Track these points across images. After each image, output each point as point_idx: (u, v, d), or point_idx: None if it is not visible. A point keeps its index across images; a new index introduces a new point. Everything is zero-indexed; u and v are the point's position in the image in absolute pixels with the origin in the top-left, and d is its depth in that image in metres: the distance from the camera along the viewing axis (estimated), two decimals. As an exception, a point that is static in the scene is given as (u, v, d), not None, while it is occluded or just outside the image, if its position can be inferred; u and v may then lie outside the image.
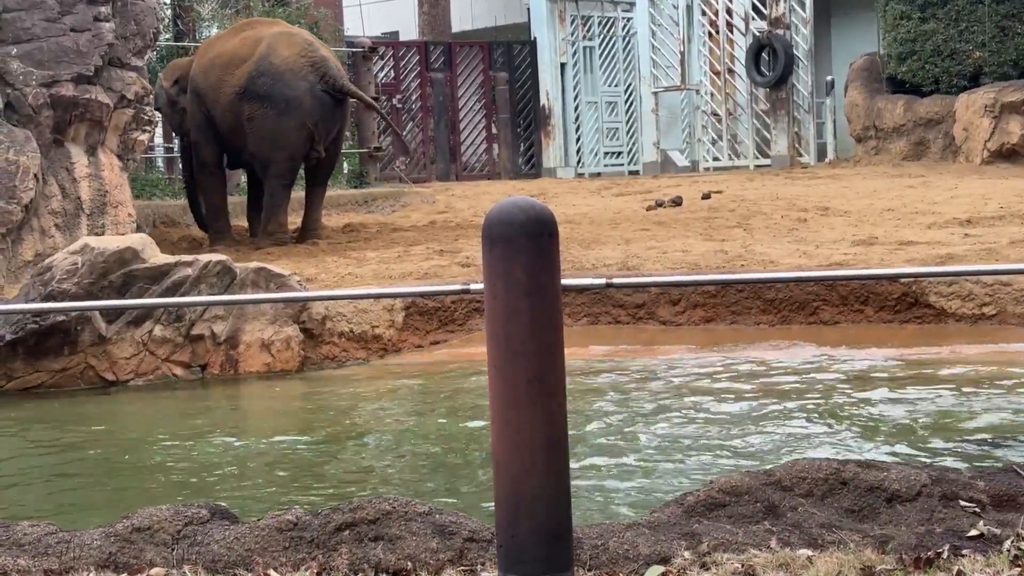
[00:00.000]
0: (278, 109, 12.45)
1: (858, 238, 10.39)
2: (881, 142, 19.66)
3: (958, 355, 7.32)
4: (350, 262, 10.75)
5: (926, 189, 14.74)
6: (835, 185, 16.02)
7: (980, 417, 5.77)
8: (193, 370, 7.83)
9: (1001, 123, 17.74)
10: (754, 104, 22.28)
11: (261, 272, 7.99)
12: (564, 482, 2.93)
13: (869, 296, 8.34)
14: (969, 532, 3.24)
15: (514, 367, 2.86)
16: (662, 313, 8.70)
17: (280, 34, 12.96)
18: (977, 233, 10.34)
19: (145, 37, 11.81)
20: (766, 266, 9.05)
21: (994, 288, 8.01)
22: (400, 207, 16.57)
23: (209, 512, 3.46)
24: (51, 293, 7.52)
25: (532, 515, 2.88)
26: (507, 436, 2.88)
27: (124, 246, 7.80)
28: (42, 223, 10.72)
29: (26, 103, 10.68)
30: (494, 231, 2.88)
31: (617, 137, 24.82)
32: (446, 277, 9.38)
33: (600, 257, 9.91)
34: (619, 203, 15.77)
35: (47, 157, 10.80)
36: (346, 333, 8.30)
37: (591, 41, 24.60)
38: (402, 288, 8.46)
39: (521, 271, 2.85)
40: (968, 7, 18.55)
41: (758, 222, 12.29)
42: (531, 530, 2.89)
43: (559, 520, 2.91)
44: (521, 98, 24.34)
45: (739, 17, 22.36)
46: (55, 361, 7.65)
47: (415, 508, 3.37)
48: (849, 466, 3.50)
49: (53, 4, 10.95)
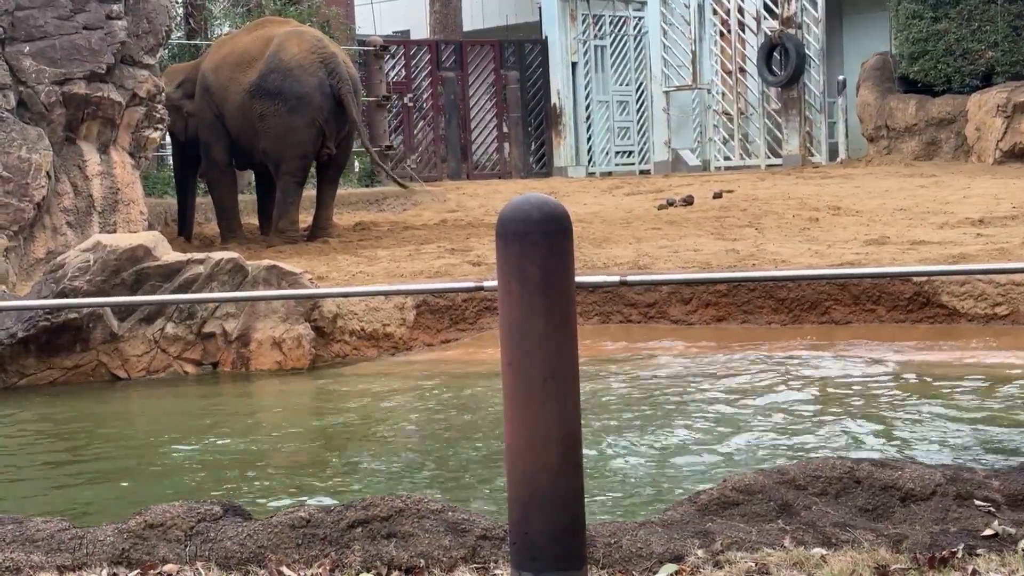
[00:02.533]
0: (289, 106, 12.49)
1: (870, 238, 10.37)
2: (893, 142, 19.62)
3: (973, 356, 7.31)
4: (361, 260, 10.75)
5: (938, 189, 14.71)
6: (847, 185, 15.99)
7: (995, 414, 5.75)
8: (204, 368, 7.84)
9: (1013, 123, 17.70)
10: (765, 103, 22.25)
11: (273, 270, 7.99)
12: (578, 479, 2.92)
13: (881, 296, 8.32)
14: (984, 531, 3.23)
15: (529, 365, 2.85)
16: (674, 312, 8.69)
17: (291, 32, 13.02)
18: (990, 233, 10.31)
19: (157, 35, 11.82)
20: (778, 265, 9.03)
21: (1007, 288, 7.99)
22: (411, 206, 16.57)
23: (222, 509, 3.46)
24: (63, 290, 7.53)
25: (545, 512, 2.88)
26: (521, 433, 2.88)
27: (136, 244, 7.81)
28: (54, 221, 10.73)
29: (39, 101, 10.69)
30: (509, 228, 2.87)
31: (628, 136, 24.80)
32: (457, 275, 9.37)
33: (612, 256, 9.90)
34: (630, 202, 15.76)
35: (59, 155, 10.82)
36: (357, 331, 8.29)
37: (602, 40, 24.59)
38: (415, 285, 8.46)
39: (536, 268, 2.85)
40: (980, 7, 18.50)
41: (769, 221, 12.27)
42: (544, 527, 2.89)
43: (572, 517, 2.91)
44: (532, 97, 24.33)
45: (751, 16, 22.33)
46: (67, 358, 7.67)
47: (428, 505, 3.37)
48: (863, 465, 3.49)
49: (66, 2, 10.96)
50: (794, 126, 21.63)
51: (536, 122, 24.43)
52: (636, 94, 24.66)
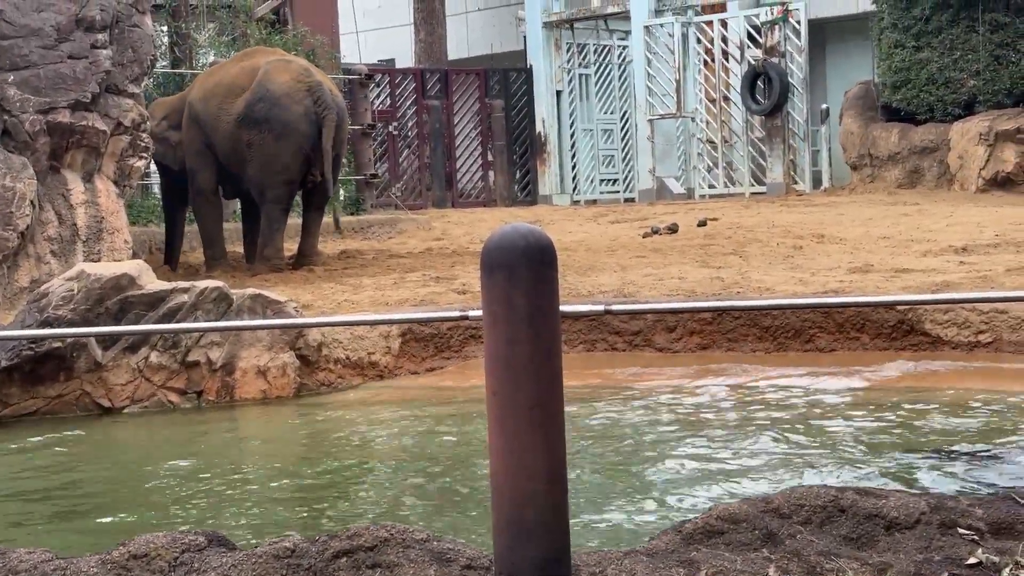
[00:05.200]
0: (275, 133, 12.56)
1: (854, 265, 10.40)
2: (876, 170, 19.71)
3: (953, 380, 7.33)
4: (346, 288, 10.75)
5: (921, 217, 14.77)
6: (831, 212, 16.05)
7: (973, 439, 5.76)
8: (189, 396, 7.82)
9: (996, 151, 17.81)
10: (749, 132, 22.35)
11: (258, 298, 7.98)
12: (563, 508, 2.92)
13: (865, 323, 8.35)
14: (968, 560, 3.23)
15: (514, 394, 2.86)
16: (658, 340, 8.70)
17: (278, 61, 13.12)
18: (973, 261, 10.35)
19: (142, 64, 11.84)
20: (762, 293, 9.06)
21: (990, 316, 8.02)
22: (396, 234, 16.58)
23: (206, 539, 3.45)
24: (47, 319, 7.51)
25: (531, 541, 2.88)
26: (506, 462, 2.88)
27: (120, 272, 7.79)
28: (38, 249, 10.72)
29: (23, 130, 10.69)
30: (494, 258, 2.88)
31: (613, 164, 24.88)
32: (442, 304, 9.38)
33: (597, 284, 9.91)
34: (615, 230, 15.80)
35: (43, 183, 10.81)
36: (342, 360, 8.29)
37: (587, 69, 24.69)
38: (400, 314, 8.45)
39: (521, 298, 2.85)
40: (962, 36, 18.63)
41: (754, 249, 12.31)
42: (530, 557, 2.88)
43: (558, 547, 2.91)
44: (517, 125, 24.40)
45: (734, 45, 22.45)
46: (51, 387, 7.64)
47: (413, 535, 3.36)
48: (847, 493, 3.49)
49: (51, 31, 10.97)
50: (778, 154, 21.72)
51: (521, 150, 24.50)
52: (621, 122, 24.75)
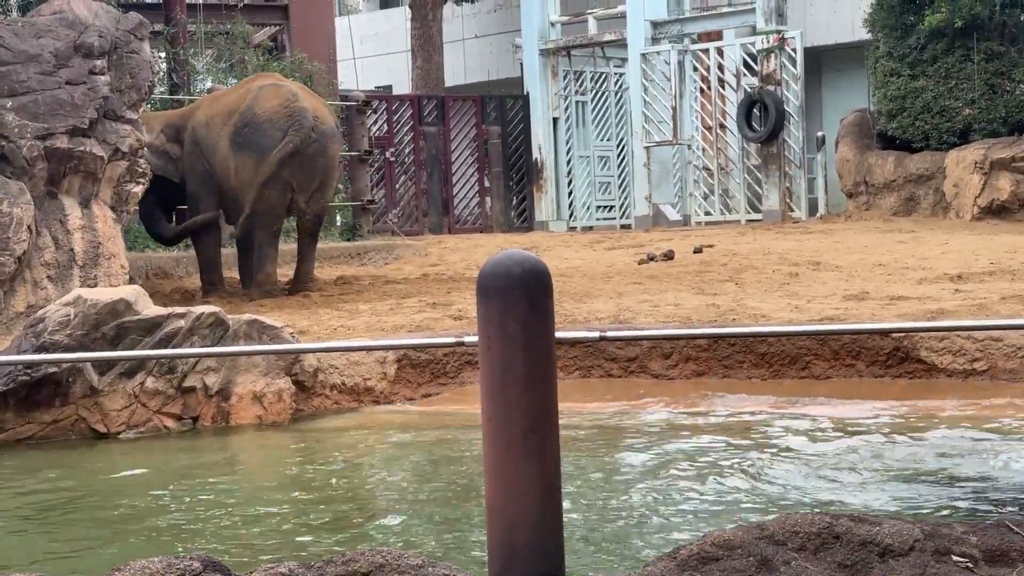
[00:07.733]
0: (255, 159, 12.55)
1: (849, 293, 10.42)
2: (872, 197, 19.76)
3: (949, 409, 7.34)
4: (343, 314, 10.76)
5: (917, 244, 14.81)
6: (826, 240, 16.08)
7: (969, 467, 5.77)
8: (184, 422, 7.82)
9: (991, 179, 17.85)
10: (745, 159, 22.40)
11: (254, 324, 7.99)
12: (557, 533, 2.93)
13: (860, 351, 8.36)
14: (962, 586, 3.24)
15: (509, 419, 2.87)
16: (654, 367, 8.71)
17: (268, 86, 13.08)
18: (968, 288, 10.38)
19: (140, 90, 11.88)
20: (758, 320, 9.07)
21: (985, 343, 8.04)
22: (393, 260, 16.60)
23: (201, 565, 3.45)
24: (43, 344, 7.52)
25: (525, 566, 2.88)
26: (501, 487, 2.89)
27: (117, 298, 7.80)
28: (35, 275, 10.73)
29: (20, 155, 10.71)
30: (489, 284, 2.90)
31: (609, 191, 24.93)
32: (438, 330, 9.39)
33: (592, 310, 9.93)
34: (611, 257, 15.82)
35: (41, 209, 10.83)
36: (338, 385, 8.30)
37: (583, 96, 24.77)
38: (396, 340, 8.46)
39: (516, 324, 2.87)
40: (957, 65, 18.71)
41: (750, 276, 12.33)
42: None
43: (552, 572, 2.91)
44: (514, 152, 24.45)
45: (731, 73, 22.53)
46: (46, 413, 7.64)
47: (408, 560, 3.36)
48: (842, 520, 3.50)
49: (49, 57, 11.01)
50: (774, 181, 21.77)
51: (517, 177, 24.55)
52: (617, 149, 24.82)
